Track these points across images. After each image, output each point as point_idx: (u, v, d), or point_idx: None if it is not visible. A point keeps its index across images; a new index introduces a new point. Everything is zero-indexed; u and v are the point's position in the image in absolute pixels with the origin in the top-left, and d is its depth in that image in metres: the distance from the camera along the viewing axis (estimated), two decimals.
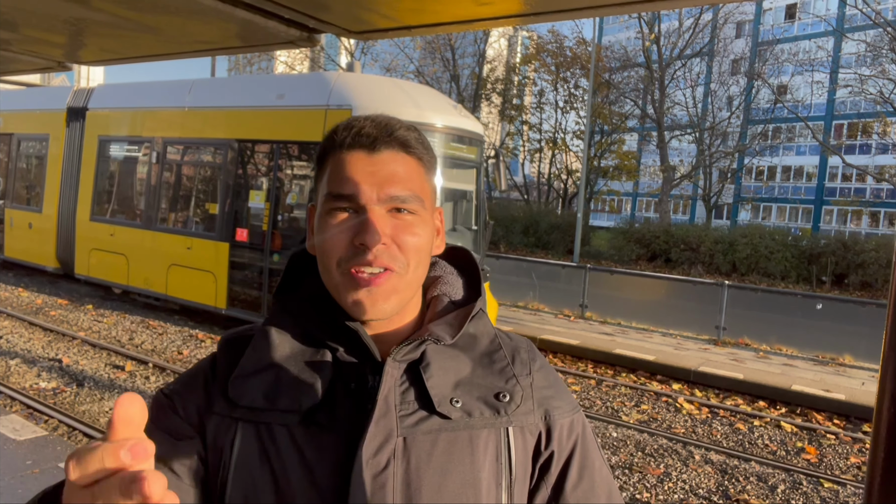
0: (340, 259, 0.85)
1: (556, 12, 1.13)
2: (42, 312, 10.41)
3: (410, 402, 0.86)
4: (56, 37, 1.62)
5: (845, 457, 6.25)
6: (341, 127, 0.91)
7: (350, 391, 0.86)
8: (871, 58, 26.75)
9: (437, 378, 0.87)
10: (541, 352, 1.00)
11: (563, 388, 0.97)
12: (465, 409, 0.86)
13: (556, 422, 0.92)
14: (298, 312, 0.93)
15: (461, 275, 1.03)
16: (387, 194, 0.86)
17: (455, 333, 0.91)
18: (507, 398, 0.89)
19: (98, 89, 12.24)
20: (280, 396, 0.84)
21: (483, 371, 0.91)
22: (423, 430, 0.84)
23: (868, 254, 20.23)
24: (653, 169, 37.07)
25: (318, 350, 0.89)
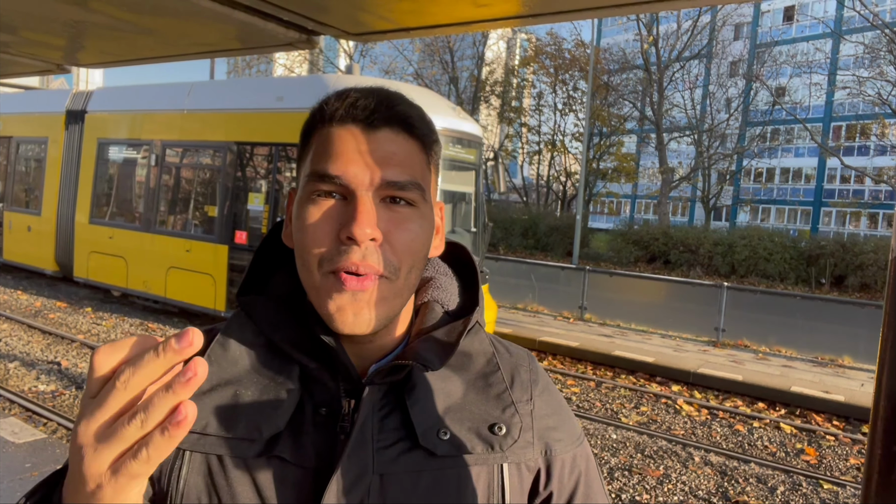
0: (323, 257, 0.71)
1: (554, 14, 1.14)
2: (41, 315, 10.40)
3: (390, 431, 0.73)
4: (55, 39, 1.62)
5: (845, 458, 6.25)
6: (333, 97, 0.76)
7: (319, 419, 0.74)
8: (870, 60, 26.80)
9: (422, 404, 0.74)
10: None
11: (567, 416, 0.85)
12: (454, 442, 0.73)
13: (556, 457, 0.80)
14: (263, 318, 0.78)
15: (457, 277, 0.90)
16: (382, 179, 0.72)
17: (446, 356, 0.77)
18: (504, 431, 0.76)
19: (97, 92, 12.24)
20: (237, 421, 0.71)
21: (477, 396, 0.78)
22: (403, 466, 0.72)
23: (867, 255, 20.25)
24: (652, 171, 37.09)
25: (284, 366, 0.75)
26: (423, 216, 0.76)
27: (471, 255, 0.91)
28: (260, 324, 0.78)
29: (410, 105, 0.78)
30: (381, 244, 0.72)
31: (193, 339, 0.46)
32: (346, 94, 0.75)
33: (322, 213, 0.72)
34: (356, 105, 0.74)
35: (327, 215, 0.72)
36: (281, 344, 0.76)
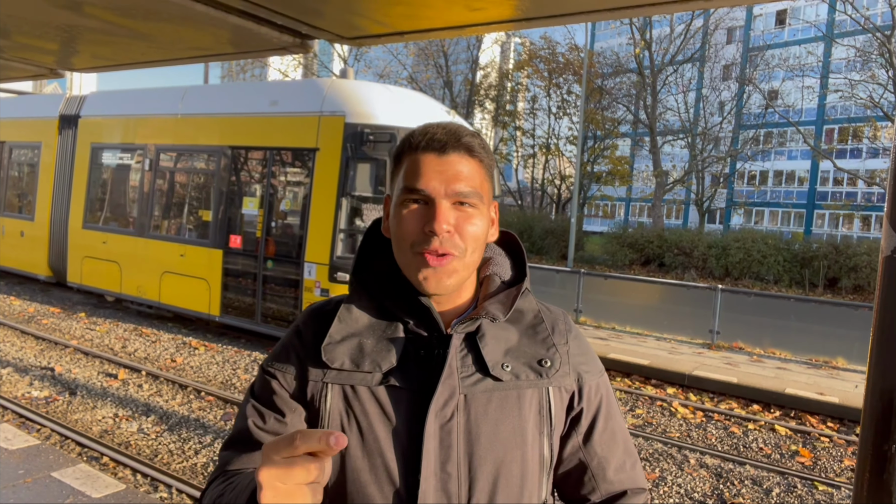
0: (413, 242, 1.02)
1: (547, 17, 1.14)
2: (34, 321, 10.34)
3: (469, 366, 1.03)
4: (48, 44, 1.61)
5: (839, 459, 6.27)
6: (418, 132, 1.07)
7: (419, 357, 1.04)
8: (861, 63, 26.97)
9: (490, 347, 1.04)
10: None
11: (592, 355, 1.17)
12: (514, 372, 1.04)
13: (586, 383, 1.11)
14: (374, 289, 1.10)
15: (509, 256, 1.20)
16: (453, 190, 1.02)
17: (507, 311, 1.08)
18: (549, 364, 1.07)
19: (90, 97, 12.21)
20: (363, 361, 1.02)
21: (528, 341, 1.09)
22: (480, 389, 1.02)
23: (860, 257, 20.32)
24: (646, 174, 37.17)
25: (392, 322, 1.07)
26: (482, 214, 1.06)
27: (518, 240, 1.22)
28: (372, 293, 1.10)
29: (472, 135, 1.07)
30: (453, 234, 1.01)
31: (341, 441, 0.74)
32: (426, 129, 1.06)
33: (412, 214, 1.03)
34: (434, 138, 1.04)
35: (416, 215, 1.03)
36: (390, 306, 1.07)
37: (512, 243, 1.22)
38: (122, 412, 6.54)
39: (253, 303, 9.21)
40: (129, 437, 5.96)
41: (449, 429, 1.00)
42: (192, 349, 9.08)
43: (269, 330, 9.05)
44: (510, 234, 1.22)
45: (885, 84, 24.15)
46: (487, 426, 1.01)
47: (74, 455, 5.37)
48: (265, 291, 9.11)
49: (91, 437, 5.76)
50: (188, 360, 8.55)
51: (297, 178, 9.38)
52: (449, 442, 1.00)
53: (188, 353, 8.90)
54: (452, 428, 1.00)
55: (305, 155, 8.91)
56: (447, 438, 1.00)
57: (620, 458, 1.13)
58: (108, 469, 5.13)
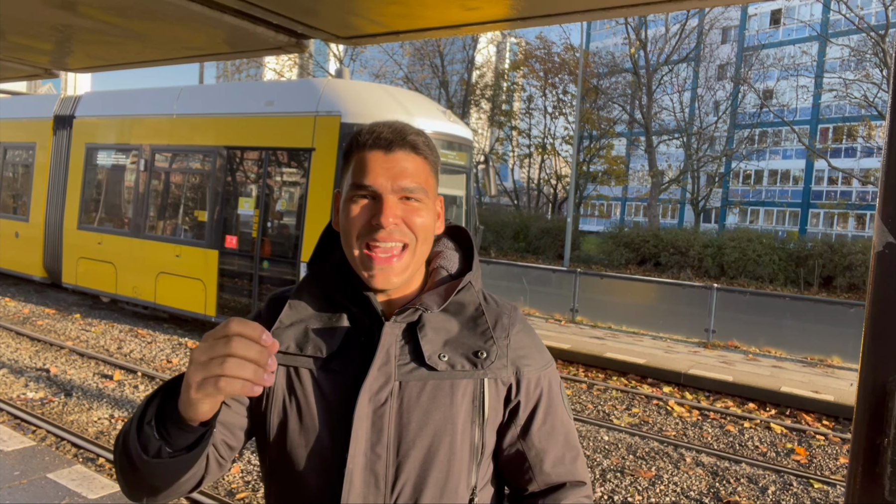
0: (359, 234, 1.07)
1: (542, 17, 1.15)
2: (29, 322, 10.31)
3: (407, 355, 1.08)
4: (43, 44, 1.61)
5: (834, 457, 6.29)
6: (365, 130, 1.11)
7: (360, 344, 1.10)
8: (855, 62, 27.07)
9: (429, 337, 1.09)
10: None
11: (538, 349, 1.19)
12: (450, 362, 1.08)
13: (524, 376, 1.14)
14: (325, 279, 1.16)
15: (459, 250, 1.24)
16: (398, 185, 1.07)
17: (442, 303, 1.12)
18: (485, 355, 1.10)
19: (85, 97, 12.17)
20: (307, 345, 1.09)
21: (468, 332, 1.12)
22: (415, 376, 1.07)
23: (855, 256, 20.41)
24: (641, 173, 37.27)
25: (338, 310, 1.13)
26: (428, 208, 1.12)
27: (469, 234, 1.26)
28: (322, 282, 1.16)
29: (418, 133, 1.13)
30: (400, 225, 1.07)
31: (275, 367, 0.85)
32: (373, 128, 1.11)
33: (360, 209, 1.08)
34: (380, 137, 1.09)
35: (363, 210, 1.08)
36: (337, 296, 1.14)
37: (462, 238, 1.26)
38: (118, 413, 6.52)
39: (249, 303, 9.20)
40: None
41: (381, 412, 1.05)
42: (188, 350, 9.06)
43: None
44: (461, 229, 1.27)
45: (879, 83, 24.24)
46: (419, 413, 1.06)
47: (70, 456, 5.36)
48: (261, 292, 9.09)
49: (87, 439, 5.74)
50: (184, 360, 8.53)
51: (293, 179, 9.37)
52: (381, 425, 1.05)
53: (184, 354, 8.88)
54: (385, 412, 1.05)
55: (301, 155, 8.90)
56: (379, 421, 1.05)
57: (559, 451, 1.16)
58: (104, 470, 5.11)
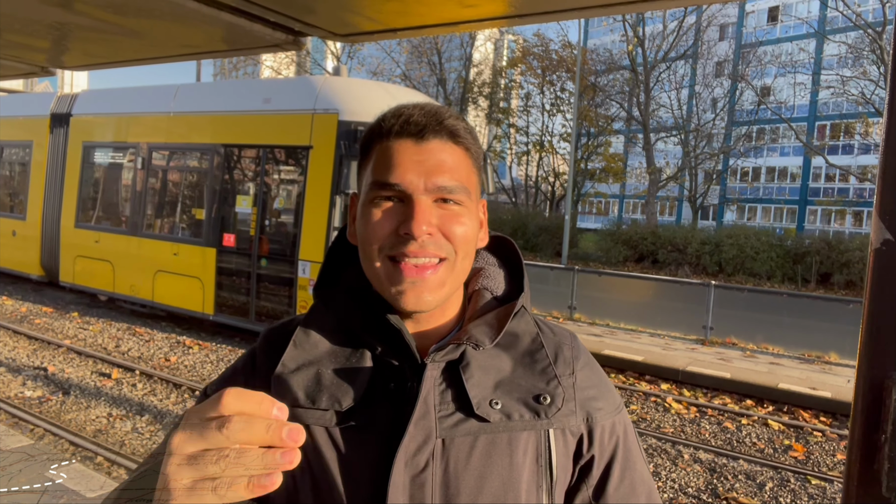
0: (383, 246, 0.84)
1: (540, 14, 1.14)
2: (27, 320, 10.29)
3: (449, 402, 0.84)
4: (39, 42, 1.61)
5: (832, 454, 6.31)
6: (389, 114, 0.89)
7: (389, 392, 0.84)
8: (853, 59, 27.08)
9: (476, 379, 0.85)
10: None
11: (607, 387, 0.95)
12: (505, 411, 0.84)
13: (597, 424, 0.90)
14: (338, 308, 0.91)
15: (503, 266, 1.01)
16: (434, 184, 0.84)
17: (495, 335, 0.88)
18: (548, 400, 0.86)
19: (82, 95, 12.14)
20: (320, 396, 0.83)
21: (524, 371, 0.88)
22: (461, 431, 0.83)
23: (852, 253, 20.45)
24: (639, 171, 37.27)
25: (357, 348, 0.88)
26: (470, 212, 0.88)
27: (516, 247, 1.02)
28: (336, 312, 0.91)
29: (457, 118, 0.89)
30: (436, 235, 0.84)
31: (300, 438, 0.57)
32: (401, 111, 0.88)
33: (383, 212, 0.85)
34: (410, 121, 0.86)
35: (388, 215, 0.85)
36: (354, 328, 0.88)
37: (507, 251, 1.02)
38: (116, 412, 6.52)
39: (247, 301, 9.19)
40: (124, 437, 5.94)
41: (422, 481, 0.80)
42: (186, 348, 9.05)
43: (263, 328, 9.04)
44: (505, 240, 1.02)
45: (876, 80, 24.27)
46: (470, 479, 0.82)
47: (68, 455, 5.35)
48: (259, 290, 9.09)
49: (85, 437, 5.74)
50: (182, 359, 8.53)
51: (291, 176, 9.36)
52: (421, 498, 0.80)
53: (182, 352, 8.87)
54: (426, 480, 0.81)
55: (299, 153, 8.89)
56: (419, 493, 0.80)
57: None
58: (102, 469, 5.11)
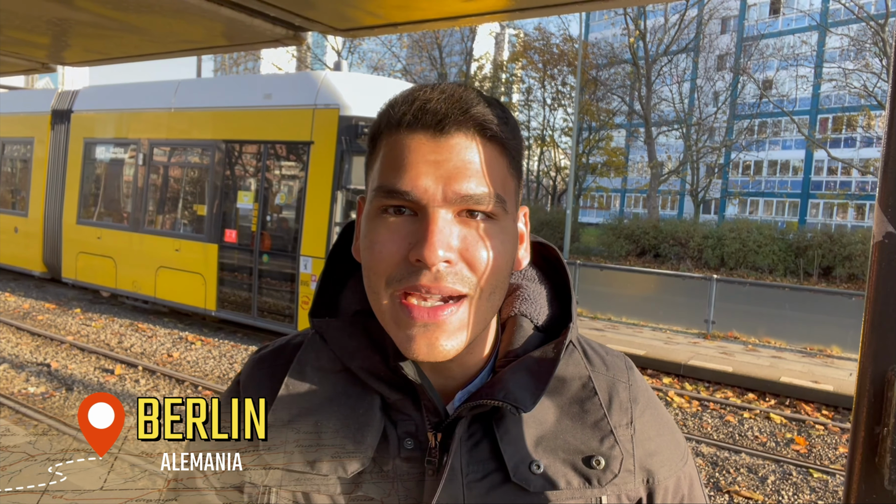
0: (391, 278, 0.66)
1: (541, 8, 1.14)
2: (29, 317, 10.32)
3: (480, 463, 0.70)
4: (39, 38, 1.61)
5: (834, 447, 6.31)
6: (401, 98, 0.70)
7: (405, 451, 0.70)
8: (855, 52, 27.00)
9: (512, 434, 0.70)
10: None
11: (671, 434, 0.79)
12: (548, 477, 0.69)
13: (659, 484, 0.75)
14: (338, 344, 0.74)
15: (545, 281, 0.82)
16: (456, 193, 0.65)
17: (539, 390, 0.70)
18: (603, 464, 0.71)
19: (83, 91, 12.14)
20: (320, 457, 0.69)
21: (572, 424, 0.73)
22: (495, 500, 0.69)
23: (854, 246, 20.42)
24: (641, 165, 37.25)
25: (365, 394, 0.72)
26: (505, 230, 0.69)
27: (560, 256, 0.82)
28: (335, 350, 0.73)
29: (489, 103, 0.69)
30: (456, 264, 0.65)
31: None
32: (414, 95, 0.68)
33: (390, 231, 0.66)
34: (426, 109, 0.66)
35: (396, 234, 0.66)
36: (358, 372, 0.72)
37: (549, 261, 0.83)
38: None
39: (249, 297, 9.21)
40: (127, 433, 5.96)
41: None
42: (189, 344, 9.07)
43: (265, 324, 9.06)
44: (548, 248, 0.83)
45: (878, 73, 24.18)
46: None
47: (71, 450, 5.38)
48: (261, 286, 9.10)
49: None
50: (185, 354, 8.55)
51: (292, 172, 9.36)
52: None
53: (185, 347, 8.89)
54: None
55: (300, 148, 8.89)
56: None
57: None
58: (106, 465, 5.14)
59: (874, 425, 0.48)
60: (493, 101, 0.70)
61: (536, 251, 0.82)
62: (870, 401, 0.49)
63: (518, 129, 0.73)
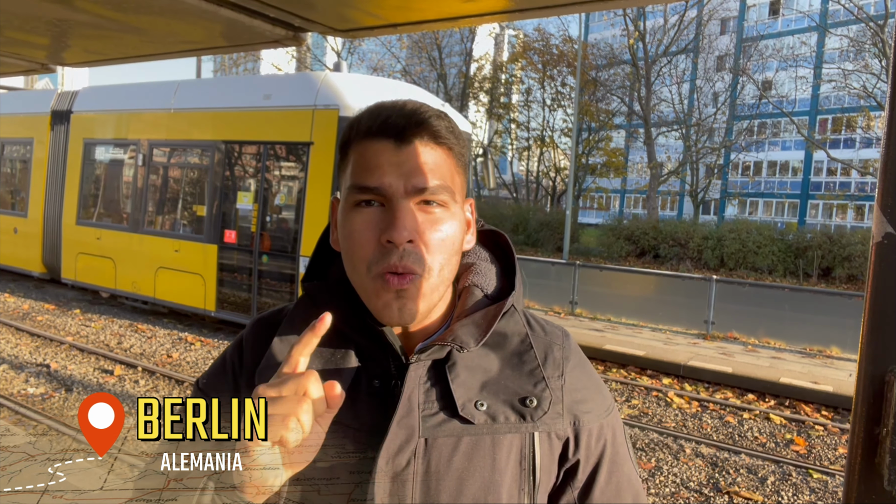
0: (370, 262, 0.82)
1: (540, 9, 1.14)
2: (29, 318, 10.31)
3: (433, 402, 0.83)
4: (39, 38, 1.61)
5: (833, 448, 6.31)
6: (366, 114, 0.88)
7: (373, 389, 0.85)
8: (854, 53, 27.02)
9: (462, 379, 0.84)
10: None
11: (597, 389, 0.94)
12: (490, 412, 0.83)
13: (584, 427, 0.89)
14: (324, 303, 0.87)
15: (496, 262, 0.99)
16: (414, 186, 0.82)
17: (481, 336, 0.86)
18: (535, 403, 0.85)
19: (82, 92, 12.13)
20: None
21: (512, 372, 0.87)
22: (445, 432, 0.82)
23: (854, 247, 20.42)
24: (640, 166, 37.27)
25: (343, 343, 0.87)
26: (454, 216, 0.86)
27: (509, 242, 1.00)
28: (321, 307, 0.84)
29: (438, 116, 0.86)
30: (417, 244, 0.82)
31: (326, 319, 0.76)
32: (378, 111, 0.87)
33: (364, 221, 0.83)
34: (388, 122, 0.84)
35: (369, 222, 0.83)
36: (339, 324, 0.84)
37: (500, 246, 1.01)
38: None
39: (248, 298, 9.20)
40: (126, 433, 5.95)
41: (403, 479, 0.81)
42: (188, 344, 9.07)
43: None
44: (499, 234, 1.01)
45: (878, 74, 24.20)
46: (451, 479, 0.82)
47: (71, 451, 5.37)
48: (261, 286, 9.10)
49: None
50: (184, 355, 8.55)
51: (292, 173, 9.36)
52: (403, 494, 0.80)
53: (184, 348, 8.89)
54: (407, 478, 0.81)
55: (299, 149, 8.89)
56: (401, 490, 0.80)
57: None
58: (105, 465, 5.14)
59: (873, 426, 0.48)
60: (441, 114, 0.87)
61: (491, 238, 1.01)
62: (869, 402, 0.49)
63: (462, 136, 0.90)
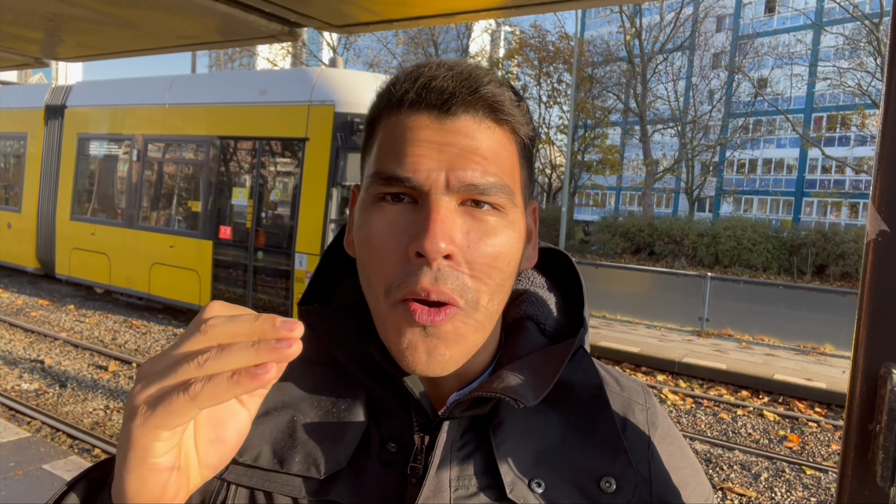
0: (390, 283, 0.59)
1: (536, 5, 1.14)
2: (23, 313, 10.27)
3: (471, 478, 0.61)
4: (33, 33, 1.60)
5: (826, 444, 6.35)
6: (403, 76, 0.63)
7: (388, 456, 0.62)
8: (850, 51, 27.08)
9: (511, 445, 0.61)
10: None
11: (694, 470, 0.70)
12: (550, 497, 0.60)
13: None
14: (325, 332, 0.66)
15: (554, 289, 0.75)
16: (461, 180, 0.58)
17: (542, 389, 0.61)
18: (613, 486, 0.61)
19: (77, 87, 12.08)
20: (291, 455, 0.60)
21: (580, 439, 0.64)
22: None
23: (848, 244, 20.51)
24: (636, 163, 37.26)
25: (349, 389, 0.64)
26: (512, 224, 0.62)
27: (573, 264, 0.75)
28: (321, 338, 0.66)
29: (500, 83, 0.62)
30: (458, 262, 0.58)
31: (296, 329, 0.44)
32: (419, 72, 0.61)
33: (388, 224, 0.60)
34: (430, 87, 0.60)
35: (394, 225, 0.59)
36: (344, 363, 0.65)
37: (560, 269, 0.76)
38: (113, 404, 6.52)
39: (244, 294, 9.19)
40: None
41: None
42: None
43: None
44: (559, 254, 0.75)
45: (873, 72, 24.27)
46: None
47: (66, 447, 5.36)
48: (256, 282, 9.09)
49: (82, 429, 5.74)
50: None
51: (287, 169, 9.34)
52: None
53: None
54: None
55: (295, 145, 8.87)
56: None
57: None
58: (99, 460, 5.13)
59: (867, 422, 0.49)
60: (505, 82, 0.63)
61: (548, 260, 0.76)
62: (862, 398, 0.49)
63: (530, 115, 0.66)
